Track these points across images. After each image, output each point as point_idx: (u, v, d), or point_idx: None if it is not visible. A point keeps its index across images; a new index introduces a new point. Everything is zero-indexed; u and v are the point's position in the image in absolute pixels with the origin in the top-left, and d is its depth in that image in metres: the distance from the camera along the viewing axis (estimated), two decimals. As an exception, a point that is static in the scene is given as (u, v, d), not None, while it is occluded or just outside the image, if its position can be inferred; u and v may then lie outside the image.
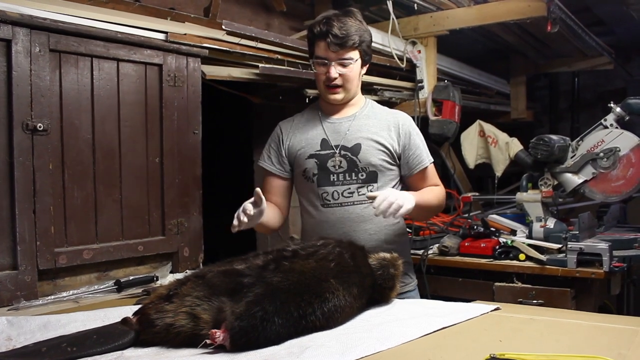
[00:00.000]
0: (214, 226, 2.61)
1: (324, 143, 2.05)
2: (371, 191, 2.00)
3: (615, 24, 4.41)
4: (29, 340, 1.38)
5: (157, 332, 1.31)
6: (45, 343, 1.31)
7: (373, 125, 2.07)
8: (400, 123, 2.09)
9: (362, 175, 2.03)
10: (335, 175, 2.03)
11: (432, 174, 2.15)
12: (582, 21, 3.64)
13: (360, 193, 2.03)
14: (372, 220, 2.02)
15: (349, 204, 2.03)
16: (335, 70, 1.98)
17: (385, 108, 2.18)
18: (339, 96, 2.04)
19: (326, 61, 1.99)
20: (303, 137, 2.10)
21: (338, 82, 2.00)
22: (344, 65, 1.99)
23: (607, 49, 4.42)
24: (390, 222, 2.05)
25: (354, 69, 2.01)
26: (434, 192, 2.09)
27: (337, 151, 2.03)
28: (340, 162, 2.03)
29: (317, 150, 2.05)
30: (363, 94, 2.21)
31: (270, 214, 2.04)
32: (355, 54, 1.99)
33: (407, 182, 2.14)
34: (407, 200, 1.81)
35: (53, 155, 1.89)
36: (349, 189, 2.03)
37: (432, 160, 2.14)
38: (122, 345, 1.31)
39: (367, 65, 2.11)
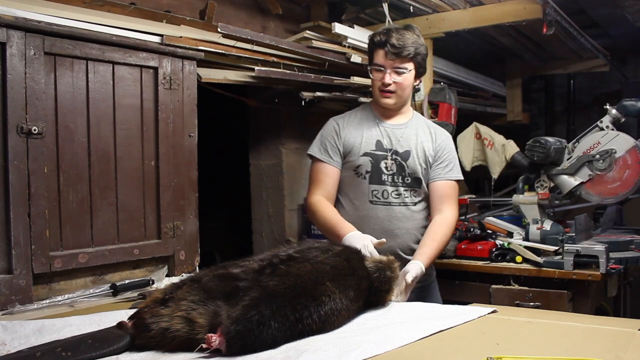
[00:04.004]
0: (210, 229, 2.60)
1: (379, 144, 2.21)
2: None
3: (611, 27, 4.42)
4: (24, 345, 1.37)
5: (153, 336, 1.30)
6: (39, 348, 1.30)
7: (421, 135, 2.25)
8: (438, 135, 2.29)
9: (407, 180, 2.21)
10: (386, 175, 2.20)
11: (444, 191, 2.24)
12: (577, 23, 3.65)
13: (405, 195, 2.21)
14: (414, 220, 2.24)
15: (397, 204, 2.21)
16: (390, 77, 2.14)
17: (431, 123, 2.37)
18: (390, 101, 2.19)
19: (382, 68, 2.14)
20: (359, 134, 2.23)
21: (392, 88, 2.15)
22: (398, 74, 2.14)
23: (602, 51, 4.43)
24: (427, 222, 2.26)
25: (407, 78, 2.16)
26: (443, 231, 2.17)
27: (389, 154, 2.20)
28: (392, 164, 2.20)
29: (373, 150, 2.20)
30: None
31: None
32: (410, 65, 2.15)
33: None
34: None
35: (48, 159, 1.88)
36: (397, 190, 2.21)
37: (458, 178, 2.29)
38: (118, 350, 1.30)
39: (421, 79, 2.28)
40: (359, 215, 2.21)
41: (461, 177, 2.32)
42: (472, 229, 3.00)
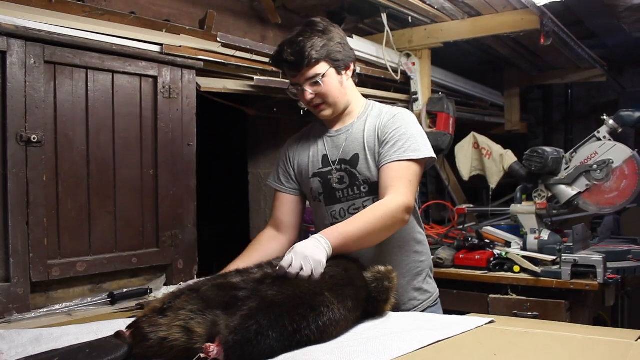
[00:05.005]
0: (209, 238, 2.60)
1: (325, 160, 1.96)
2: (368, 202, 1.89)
3: (608, 37, 4.45)
4: (21, 354, 1.36)
5: (151, 346, 1.30)
6: (37, 357, 1.30)
7: (369, 129, 1.92)
8: (384, 114, 1.92)
9: (364, 188, 1.90)
10: (340, 192, 1.93)
11: (389, 174, 1.81)
12: (574, 34, 3.68)
13: (366, 207, 1.84)
14: (388, 239, 1.84)
15: None
16: (308, 92, 1.87)
17: (385, 107, 1.98)
18: (326, 112, 1.92)
19: (298, 86, 1.89)
20: (306, 154, 2.01)
21: (317, 100, 1.89)
22: (312, 84, 1.86)
23: (599, 61, 4.46)
24: (400, 239, 1.92)
25: (327, 83, 1.86)
26: (370, 214, 1.73)
27: (336, 166, 1.93)
28: (342, 177, 1.92)
29: (320, 168, 1.96)
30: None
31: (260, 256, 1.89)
32: (320, 68, 1.84)
33: None
34: (315, 260, 1.50)
35: (47, 167, 1.88)
36: (354, 204, 1.92)
37: (410, 158, 1.81)
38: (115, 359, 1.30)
39: (350, 68, 1.94)
40: None
41: (418, 156, 1.82)
42: (470, 239, 3.01)
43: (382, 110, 1.96)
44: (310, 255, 1.50)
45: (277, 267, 1.48)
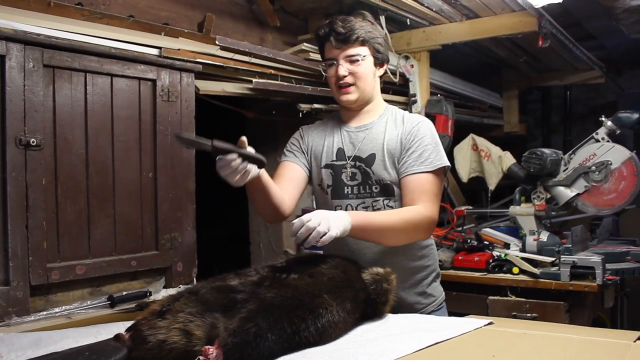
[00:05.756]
0: (208, 240, 2.60)
1: (340, 153, 1.97)
2: (388, 204, 1.91)
3: (606, 39, 4.46)
4: (20, 358, 1.37)
5: (150, 348, 1.30)
6: (36, 360, 1.30)
7: (390, 132, 1.93)
8: (407, 121, 1.94)
9: (376, 189, 1.91)
10: (349, 187, 1.94)
11: (416, 186, 1.84)
12: (572, 36, 3.68)
13: (375, 208, 1.91)
14: None
15: None
16: (343, 68, 1.89)
17: (407, 113, 2.01)
18: (351, 96, 1.93)
19: (334, 61, 1.91)
20: (321, 142, 2.02)
21: (349, 80, 1.90)
22: (352, 62, 1.89)
23: (598, 63, 4.47)
24: (405, 245, 1.90)
25: (364, 66, 1.90)
26: (397, 214, 1.79)
27: (350, 162, 1.94)
28: (355, 174, 1.93)
29: (333, 160, 1.97)
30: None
31: (275, 190, 1.86)
32: (363, 50, 1.89)
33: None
34: (334, 224, 1.56)
35: (46, 171, 1.88)
36: (364, 202, 1.92)
37: (435, 168, 1.86)
38: (115, 362, 1.30)
39: (384, 67, 2.00)
40: None
41: (442, 164, 1.87)
42: (469, 240, 3.01)
43: (404, 116, 1.99)
44: (329, 217, 1.56)
45: (294, 221, 1.51)
